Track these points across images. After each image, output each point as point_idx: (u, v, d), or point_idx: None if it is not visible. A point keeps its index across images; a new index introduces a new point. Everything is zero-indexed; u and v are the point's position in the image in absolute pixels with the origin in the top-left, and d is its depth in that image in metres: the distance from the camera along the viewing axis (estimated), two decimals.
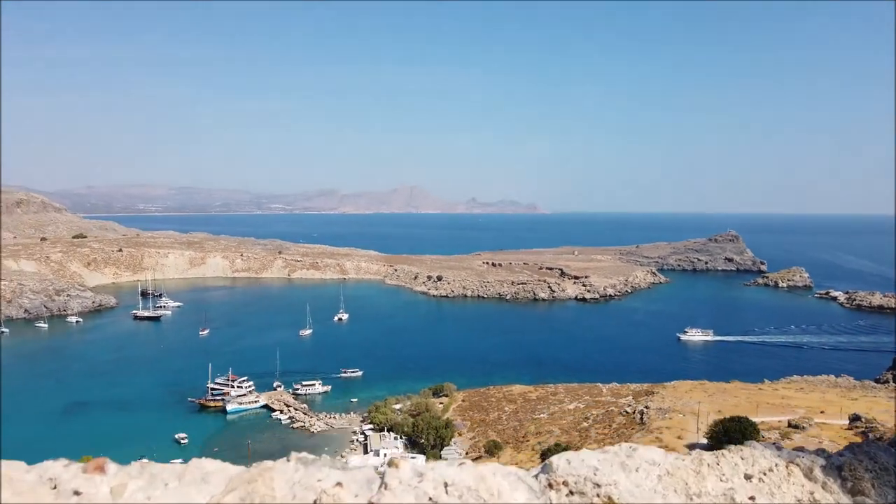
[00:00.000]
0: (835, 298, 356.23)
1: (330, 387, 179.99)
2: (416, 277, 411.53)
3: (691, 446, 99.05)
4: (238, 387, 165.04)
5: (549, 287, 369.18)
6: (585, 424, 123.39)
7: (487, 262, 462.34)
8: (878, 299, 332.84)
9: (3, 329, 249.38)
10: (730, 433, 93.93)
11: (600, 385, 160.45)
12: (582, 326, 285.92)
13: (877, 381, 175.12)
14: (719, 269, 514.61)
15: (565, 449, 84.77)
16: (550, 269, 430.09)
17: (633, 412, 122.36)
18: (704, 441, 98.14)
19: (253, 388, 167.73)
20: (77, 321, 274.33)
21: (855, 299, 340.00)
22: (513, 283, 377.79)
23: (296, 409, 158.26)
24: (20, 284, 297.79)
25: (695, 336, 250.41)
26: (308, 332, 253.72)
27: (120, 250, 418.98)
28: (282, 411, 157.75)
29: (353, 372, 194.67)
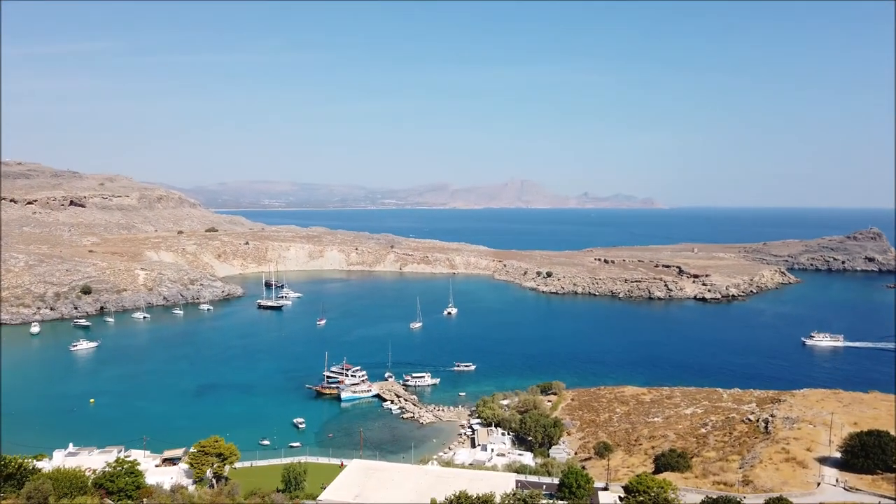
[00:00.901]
0: None
1: (439, 379, 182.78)
2: (525, 273, 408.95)
3: (822, 460, 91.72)
4: (352, 376, 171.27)
5: (666, 285, 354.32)
6: (703, 431, 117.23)
7: (599, 259, 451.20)
8: None
9: (146, 314, 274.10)
10: (867, 448, 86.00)
11: (720, 390, 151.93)
12: (701, 328, 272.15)
13: None
14: (858, 269, 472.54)
15: (681, 455, 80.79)
16: (667, 266, 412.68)
17: (757, 420, 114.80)
18: (838, 455, 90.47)
19: (366, 377, 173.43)
20: (208, 309, 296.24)
21: None
22: (626, 280, 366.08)
23: (406, 400, 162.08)
24: (160, 274, 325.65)
25: (822, 341, 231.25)
26: (418, 325, 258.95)
27: (247, 243, 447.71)
28: (392, 401, 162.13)
29: (466, 366, 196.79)
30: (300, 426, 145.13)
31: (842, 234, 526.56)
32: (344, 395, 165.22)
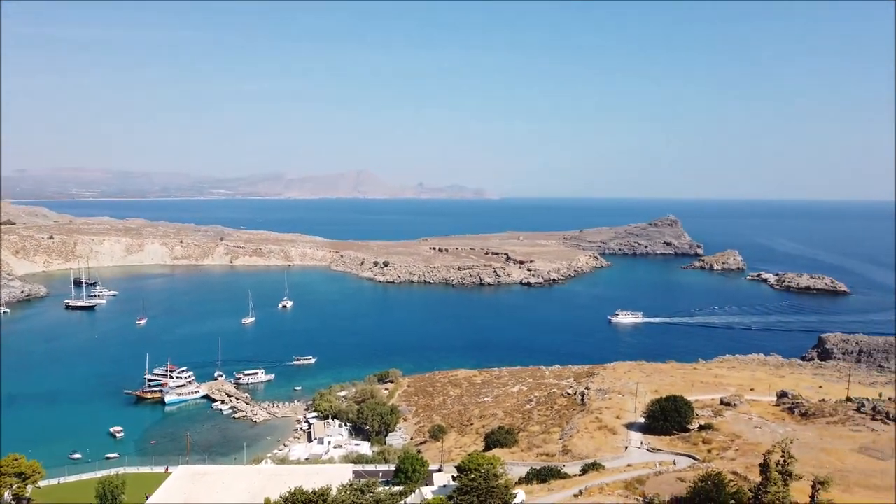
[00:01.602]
0: (765, 280, 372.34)
1: (273, 375, 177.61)
2: (362, 263, 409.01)
3: (630, 426, 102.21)
4: (177, 377, 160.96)
5: (495, 272, 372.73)
6: (528, 407, 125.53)
7: (434, 248, 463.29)
8: (805, 280, 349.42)
9: None
10: (666, 412, 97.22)
11: (543, 368, 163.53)
12: (526, 310, 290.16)
13: (802, 358, 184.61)
14: (658, 252, 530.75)
15: (509, 431, 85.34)
16: (496, 254, 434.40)
17: (575, 394, 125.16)
18: (642, 420, 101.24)
19: (193, 378, 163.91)
20: (5, 312, 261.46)
21: (784, 281, 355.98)
22: (459, 268, 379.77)
23: (237, 399, 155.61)
24: None
25: (625, 318, 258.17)
26: (251, 320, 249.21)
27: (51, 237, 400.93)
28: (223, 401, 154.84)
29: (306, 359, 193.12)
30: (118, 435, 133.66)
31: (645, 222, 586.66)
32: (168, 399, 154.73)
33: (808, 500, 49.22)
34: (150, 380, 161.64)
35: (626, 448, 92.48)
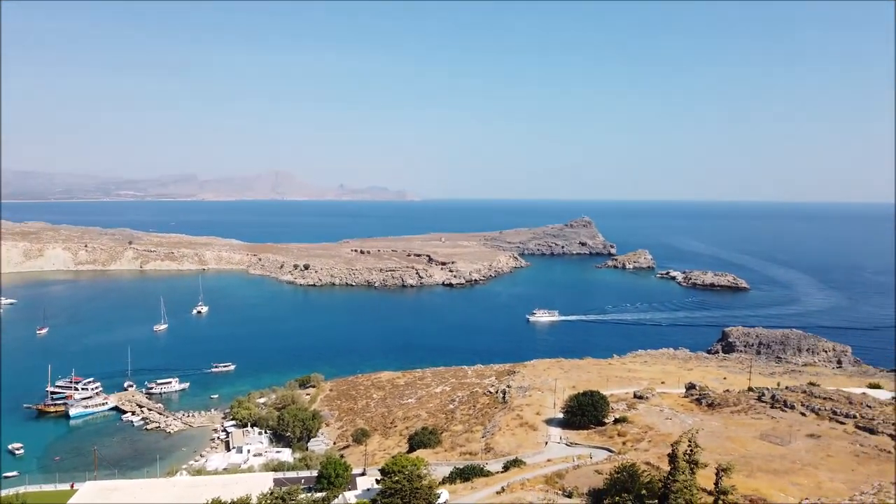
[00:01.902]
0: (674, 278, 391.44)
1: (188, 384, 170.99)
2: (281, 266, 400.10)
3: (549, 421, 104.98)
4: (83, 389, 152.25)
5: (418, 273, 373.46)
6: (451, 406, 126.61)
7: (356, 250, 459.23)
8: (710, 278, 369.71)
9: None
10: (583, 407, 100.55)
11: (466, 367, 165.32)
12: (449, 311, 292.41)
13: (708, 351, 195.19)
14: (574, 252, 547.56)
15: (432, 432, 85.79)
16: (419, 255, 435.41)
17: (496, 392, 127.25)
18: (561, 416, 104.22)
19: (100, 389, 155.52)
20: None
21: (691, 278, 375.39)
22: (381, 270, 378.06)
23: (150, 410, 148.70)
24: None
25: (542, 317, 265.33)
26: (163, 326, 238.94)
27: None
28: (134, 413, 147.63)
29: (225, 366, 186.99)
30: (17, 452, 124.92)
31: (561, 223, 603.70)
32: (73, 412, 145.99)
33: (713, 487, 52.23)
34: (52, 392, 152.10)
35: (546, 443, 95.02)
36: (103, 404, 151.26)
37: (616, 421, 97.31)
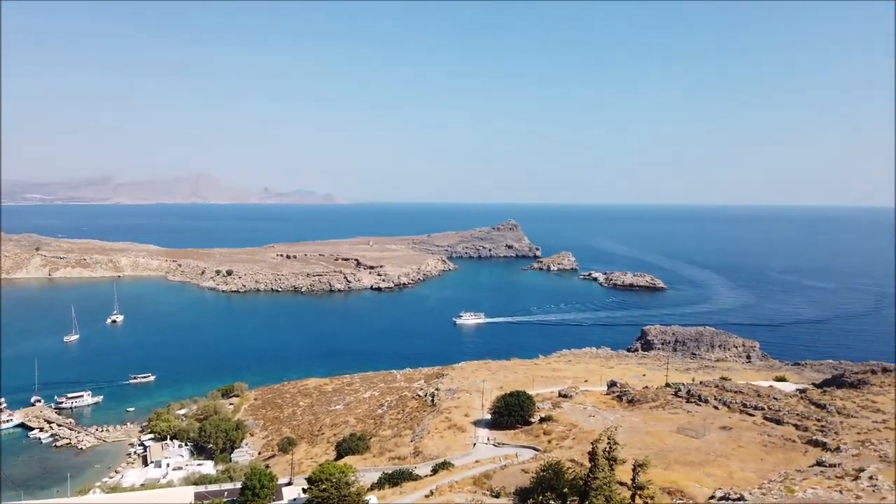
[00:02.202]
0: (596, 279, 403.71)
1: (102, 397, 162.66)
2: (203, 272, 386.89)
3: (477, 423, 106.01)
4: None
5: (346, 277, 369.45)
6: (380, 411, 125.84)
7: (282, 255, 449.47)
8: (629, 278, 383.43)
9: None
10: (510, 407, 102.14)
11: (395, 371, 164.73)
12: (377, 315, 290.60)
13: (628, 350, 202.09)
14: (501, 255, 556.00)
15: (360, 438, 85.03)
16: (347, 259, 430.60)
17: (425, 395, 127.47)
18: (489, 417, 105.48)
19: (4, 405, 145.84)
20: None
21: (612, 279, 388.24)
22: (308, 274, 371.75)
23: (59, 426, 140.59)
24: None
25: (469, 320, 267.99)
26: (74, 337, 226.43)
27: None
28: (42, 429, 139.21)
29: (144, 377, 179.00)
30: None
31: (489, 226, 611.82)
32: None
33: (630, 481, 54.23)
34: None
35: (475, 445, 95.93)
36: (8, 421, 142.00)
37: (542, 420, 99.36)
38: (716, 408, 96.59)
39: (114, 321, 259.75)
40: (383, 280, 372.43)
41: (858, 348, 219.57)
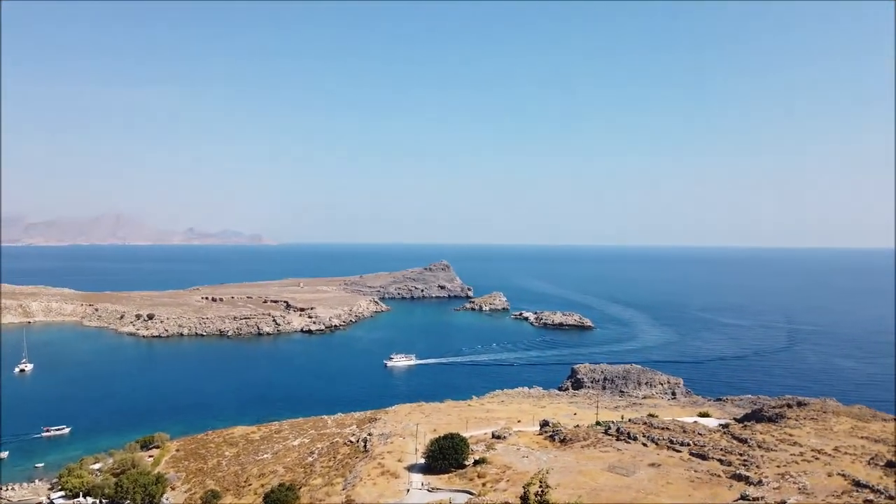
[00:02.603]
0: (527, 318, 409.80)
1: (7, 452, 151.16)
2: (122, 317, 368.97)
3: (411, 468, 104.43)
4: None
5: (274, 320, 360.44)
6: (310, 459, 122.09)
7: (207, 297, 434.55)
8: (559, 317, 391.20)
9: None
10: (444, 451, 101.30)
11: (326, 417, 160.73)
12: (307, 358, 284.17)
13: (559, 388, 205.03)
14: (434, 295, 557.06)
15: (289, 488, 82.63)
16: (276, 301, 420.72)
17: (357, 441, 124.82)
18: (423, 461, 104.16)
19: None
20: None
21: (542, 318, 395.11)
22: (235, 317, 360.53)
23: None
24: None
25: (399, 362, 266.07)
26: None
27: None
28: None
29: (59, 429, 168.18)
30: None
31: (421, 267, 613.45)
32: None
33: None
34: None
35: (408, 490, 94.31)
36: None
37: (476, 462, 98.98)
38: (644, 445, 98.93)
39: (22, 370, 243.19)
40: (314, 322, 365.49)
41: (773, 383, 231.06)
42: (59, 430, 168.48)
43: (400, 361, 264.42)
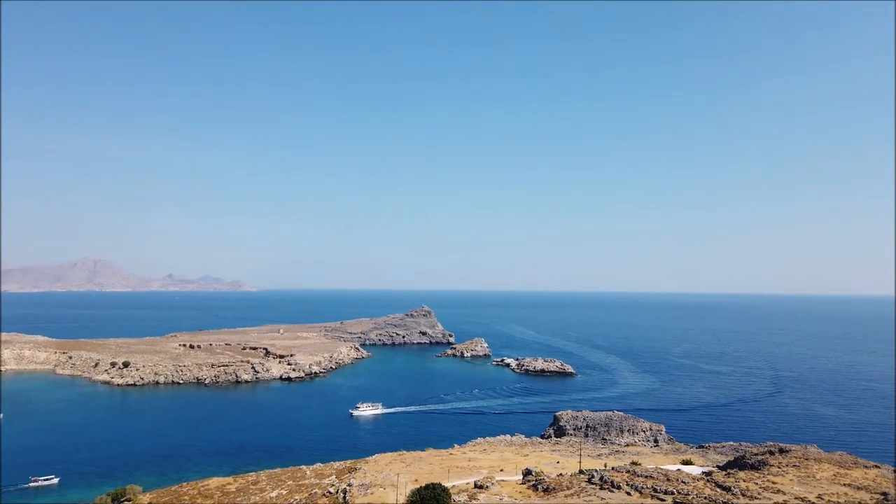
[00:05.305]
0: (508, 365, 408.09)
1: None
2: (96, 365, 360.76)
3: None
4: None
5: (253, 368, 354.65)
6: None
7: (184, 345, 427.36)
8: (540, 364, 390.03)
9: None
10: (425, 501, 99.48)
11: (304, 467, 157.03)
12: (286, 407, 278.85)
13: (542, 436, 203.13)
14: (415, 342, 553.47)
15: None
16: (255, 348, 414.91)
17: (337, 492, 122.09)
18: None
19: None
20: None
21: (523, 365, 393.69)
22: (213, 365, 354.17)
23: None
24: None
25: (366, 411, 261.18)
26: None
27: None
28: None
29: (46, 479, 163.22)
30: None
31: (402, 313, 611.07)
32: None
33: None
34: None
35: None
36: None
37: None
38: (628, 493, 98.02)
39: None
40: (293, 369, 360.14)
41: (755, 430, 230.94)
42: (47, 479, 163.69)
43: (366, 410, 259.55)
